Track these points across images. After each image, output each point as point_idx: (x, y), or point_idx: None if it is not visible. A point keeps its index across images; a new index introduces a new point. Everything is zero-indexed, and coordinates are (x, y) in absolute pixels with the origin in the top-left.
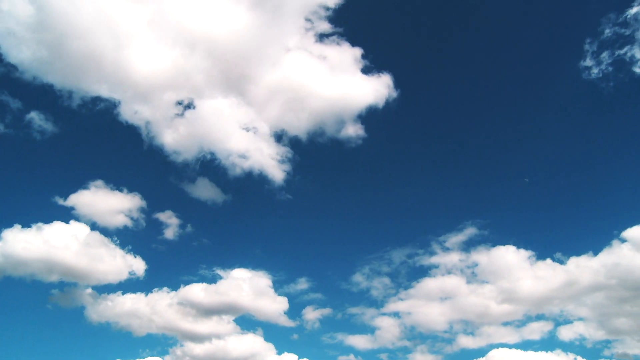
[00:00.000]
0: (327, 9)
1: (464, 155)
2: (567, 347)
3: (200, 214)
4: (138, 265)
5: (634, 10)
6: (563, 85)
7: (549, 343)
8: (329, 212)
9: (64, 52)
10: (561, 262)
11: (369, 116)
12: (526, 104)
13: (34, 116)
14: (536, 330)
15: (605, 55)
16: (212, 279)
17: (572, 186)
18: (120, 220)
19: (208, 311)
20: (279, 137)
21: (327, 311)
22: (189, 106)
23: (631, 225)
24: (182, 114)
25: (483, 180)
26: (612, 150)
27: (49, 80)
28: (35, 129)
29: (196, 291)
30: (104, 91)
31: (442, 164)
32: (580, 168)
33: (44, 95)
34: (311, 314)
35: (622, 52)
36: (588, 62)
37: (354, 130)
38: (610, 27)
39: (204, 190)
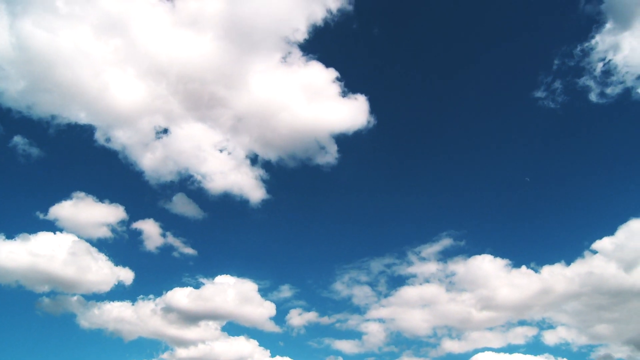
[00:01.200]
0: (301, 32)
1: (437, 171)
2: (552, 350)
3: (181, 227)
4: (123, 274)
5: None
6: (526, 110)
7: (534, 347)
8: (305, 227)
9: (44, 81)
10: (536, 271)
11: (344, 136)
12: (493, 126)
13: (18, 140)
14: (520, 335)
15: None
16: (197, 286)
17: (544, 199)
18: (103, 231)
19: (195, 317)
20: (253, 159)
21: (312, 317)
22: (165, 131)
23: (600, 237)
24: (158, 138)
25: (457, 193)
26: (579, 170)
27: (31, 108)
28: (19, 153)
29: (181, 298)
30: (83, 118)
31: (415, 179)
32: (550, 184)
33: (26, 122)
34: (296, 320)
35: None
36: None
37: (329, 151)
38: (564, 59)
39: (183, 207)
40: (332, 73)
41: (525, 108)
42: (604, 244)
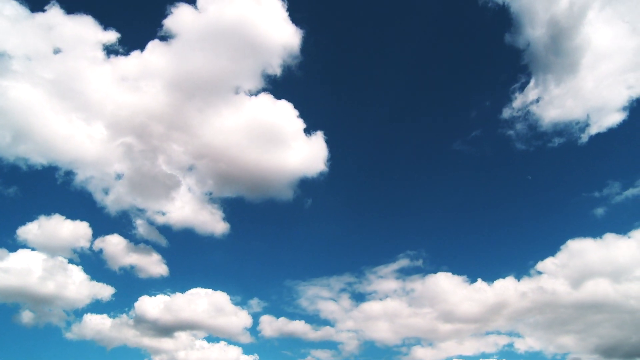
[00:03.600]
0: (252, 77)
1: (392, 199)
2: (525, 357)
3: (149, 249)
4: (98, 289)
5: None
6: (467, 147)
7: (506, 355)
8: (264, 252)
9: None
10: (489, 284)
11: (302, 172)
12: (441, 158)
13: None
14: (491, 343)
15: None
16: (171, 299)
17: (491, 222)
18: (74, 247)
19: (170, 328)
20: (212, 197)
21: (284, 328)
22: (121, 176)
23: (543, 258)
24: (118, 180)
25: (411, 219)
26: (521, 199)
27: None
28: None
29: (155, 309)
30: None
31: (371, 208)
32: (495, 209)
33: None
34: (269, 331)
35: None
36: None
37: (288, 187)
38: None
39: (148, 234)
40: (288, 111)
41: (466, 146)
42: (547, 263)
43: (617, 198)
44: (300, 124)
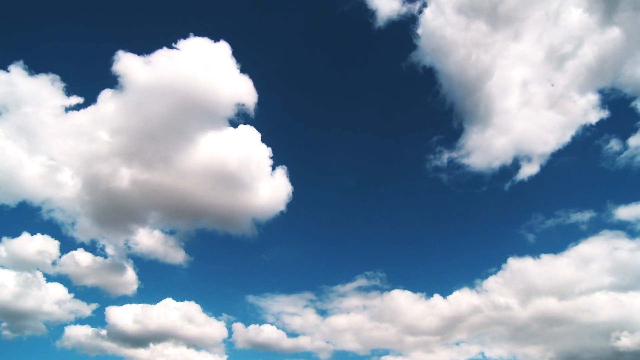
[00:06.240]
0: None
1: (349, 226)
2: None
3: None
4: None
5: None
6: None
7: None
8: (227, 272)
9: None
10: (444, 299)
11: (262, 209)
12: (390, 192)
13: None
14: (463, 352)
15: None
16: (145, 309)
17: (438, 245)
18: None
19: (146, 338)
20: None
21: (257, 339)
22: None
23: (487, 275)
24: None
25: (369, 244)
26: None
27: None
28: None
29: (128, 320)
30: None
31: (329, 235)
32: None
33: None
34: (242, 343)
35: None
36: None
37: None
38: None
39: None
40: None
41: (421, 180)
42: (493, 280)
43: (542, 226)
44: (265, 162)
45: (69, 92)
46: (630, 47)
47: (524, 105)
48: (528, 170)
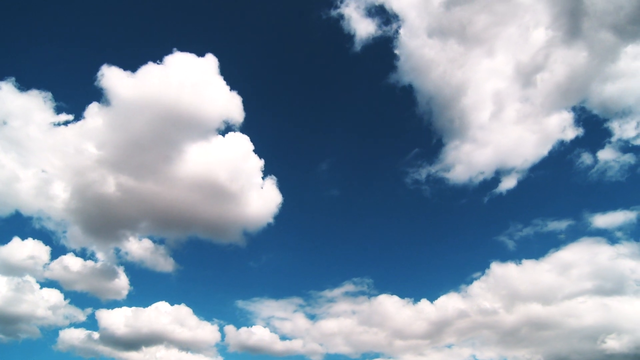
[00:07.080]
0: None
1: (337, 234)
2: None
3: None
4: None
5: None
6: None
7: None
8: (216, 278)
9: None
10: (432, 304)
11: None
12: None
13: None
14: (455, 354)
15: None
16: (137, 312)
17: (423, 253)
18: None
19: (139, 340)
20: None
21: (249, 343)
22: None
23: (471, 282)
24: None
25: (356, 251)
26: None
27: None
28: None
29: (120, 324)
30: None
31: (317, 243)
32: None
33: None
34: (234, 347)
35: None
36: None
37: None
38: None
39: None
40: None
41: (403, 192)
42: (477, 285)
43: (519, 234)
44: (255, 171)
45: (58, 107)
46: (596, 64)
47: (498, 121)
48: (506, 183)
